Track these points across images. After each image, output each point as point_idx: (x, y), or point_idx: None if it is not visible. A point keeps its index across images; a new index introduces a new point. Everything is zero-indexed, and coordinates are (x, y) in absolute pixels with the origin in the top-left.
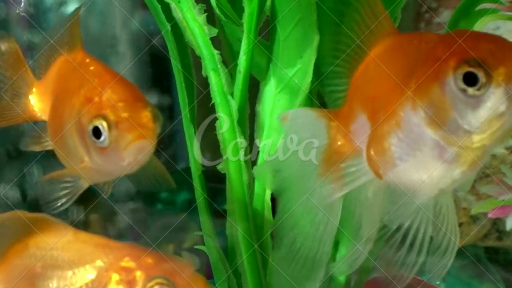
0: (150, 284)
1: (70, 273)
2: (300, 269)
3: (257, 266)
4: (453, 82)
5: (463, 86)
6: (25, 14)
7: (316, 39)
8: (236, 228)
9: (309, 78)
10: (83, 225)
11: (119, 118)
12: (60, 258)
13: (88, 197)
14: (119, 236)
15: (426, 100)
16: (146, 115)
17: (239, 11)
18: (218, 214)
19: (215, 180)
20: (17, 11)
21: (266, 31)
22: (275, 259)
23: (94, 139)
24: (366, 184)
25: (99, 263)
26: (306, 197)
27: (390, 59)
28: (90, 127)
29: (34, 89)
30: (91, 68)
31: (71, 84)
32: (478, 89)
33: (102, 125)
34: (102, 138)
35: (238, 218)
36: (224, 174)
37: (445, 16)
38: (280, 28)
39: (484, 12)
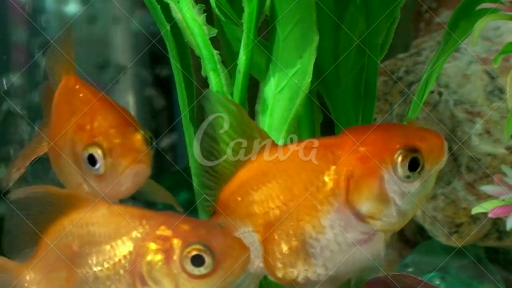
0: (187, 250)
1: (108, 247)
2: None
3: None
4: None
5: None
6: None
7: (315, 39)
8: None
9: (308, 78)
10: None
11: (112, 145)
12: (97, 233)
13: None
14: None
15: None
16: (138, 139)
17: (239, 11)
18: None
19: None
20: None
21: (266, 31)
22: None
23: (89, 166)
24: None
25: (135, 234)
26: None
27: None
28: (85, 155)
29: None
30: (81, 95)
31: (64, 110)
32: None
33: (97, 152)
34: (97, 166)
35: None
36: None
37: (445, 16)
38: (279, 28)
39: (484, 12)
